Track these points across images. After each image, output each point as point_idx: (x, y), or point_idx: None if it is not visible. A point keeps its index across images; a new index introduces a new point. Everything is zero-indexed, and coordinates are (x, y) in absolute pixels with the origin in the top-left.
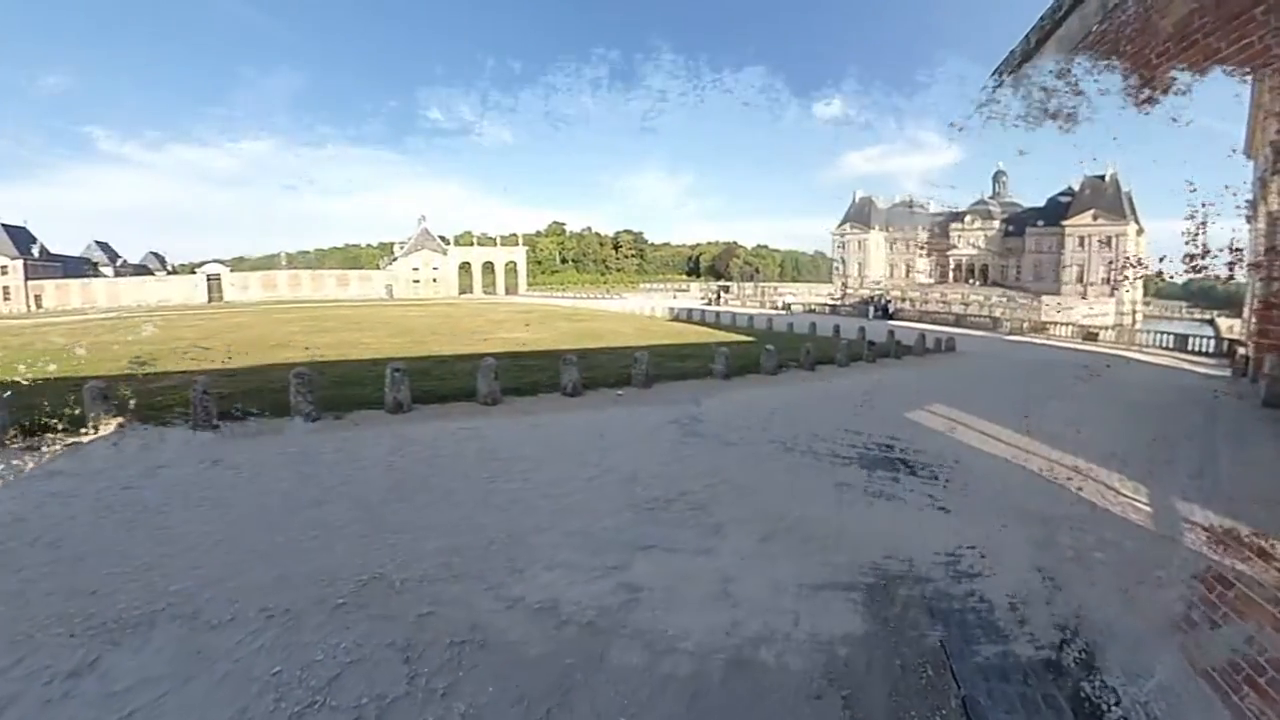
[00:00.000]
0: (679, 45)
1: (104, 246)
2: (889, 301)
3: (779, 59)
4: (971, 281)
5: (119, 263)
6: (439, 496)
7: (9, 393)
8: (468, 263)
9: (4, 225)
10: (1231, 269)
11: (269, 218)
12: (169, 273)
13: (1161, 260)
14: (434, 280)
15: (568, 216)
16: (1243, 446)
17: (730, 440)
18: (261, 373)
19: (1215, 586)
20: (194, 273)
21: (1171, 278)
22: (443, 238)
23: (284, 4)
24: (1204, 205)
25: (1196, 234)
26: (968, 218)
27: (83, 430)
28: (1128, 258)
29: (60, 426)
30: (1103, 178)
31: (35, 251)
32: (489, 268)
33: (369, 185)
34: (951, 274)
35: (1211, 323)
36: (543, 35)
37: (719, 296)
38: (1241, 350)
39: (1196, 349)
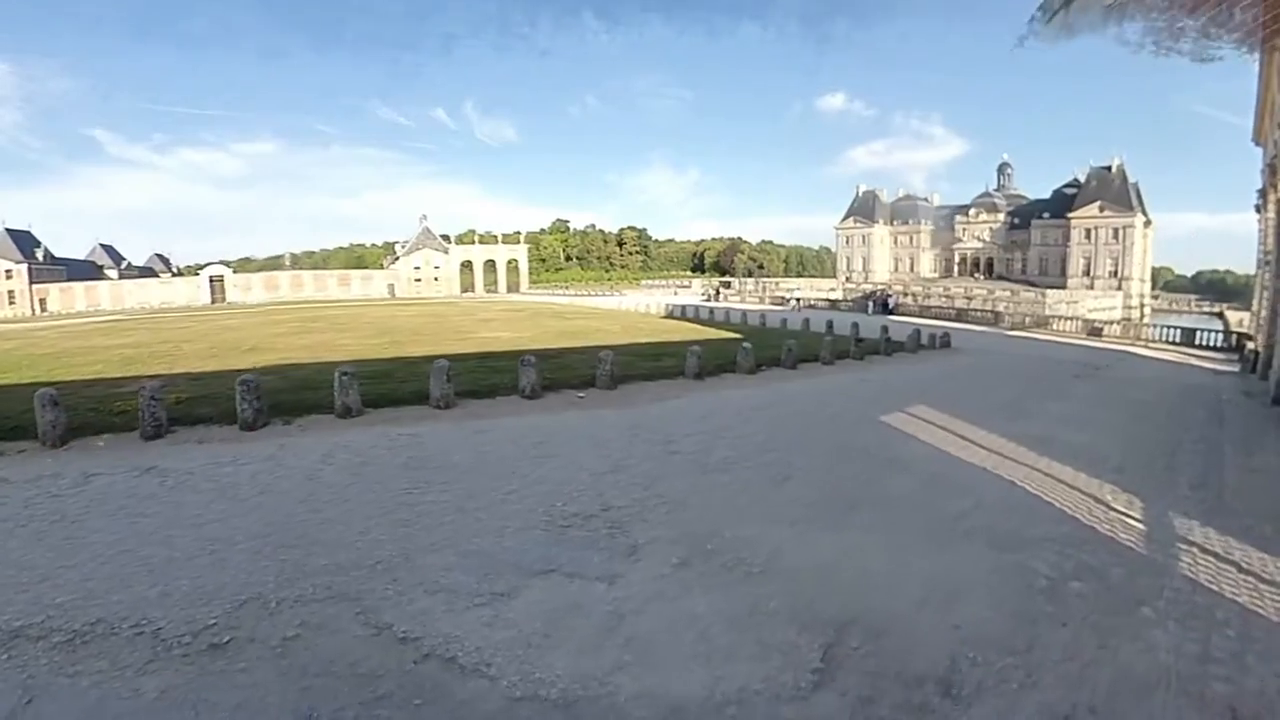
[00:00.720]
0: (682, 43)
1: (109, 249)
2: (891, 296)
3: (782, 55)
4: (976, 276)
5: (124, 265)
6: (348, 509)
7: None
8: (469, 261)
9: (8, 229)
10: None
11: (274, 219)
12: (174, 275)
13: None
14: (435, 279)
15: (572, 214)
16: (1250, 452)
17: (679, 448)
18: (227, 376)
19: (1212, 622)
20: (197, 274)
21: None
22: (445, 236)
23: (287, 5)
24: None
25: None
26: (972, 211)
27: (33, 437)
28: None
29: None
30: (1109, 168)
31: (40, 255)
32: (491, 266)
33: (373, 185)
34: (956, 268)
35: (1220, 316)
36: (545, 32)
37: (718, 293)
38: (1250, 345)
39: (1204, 343)
